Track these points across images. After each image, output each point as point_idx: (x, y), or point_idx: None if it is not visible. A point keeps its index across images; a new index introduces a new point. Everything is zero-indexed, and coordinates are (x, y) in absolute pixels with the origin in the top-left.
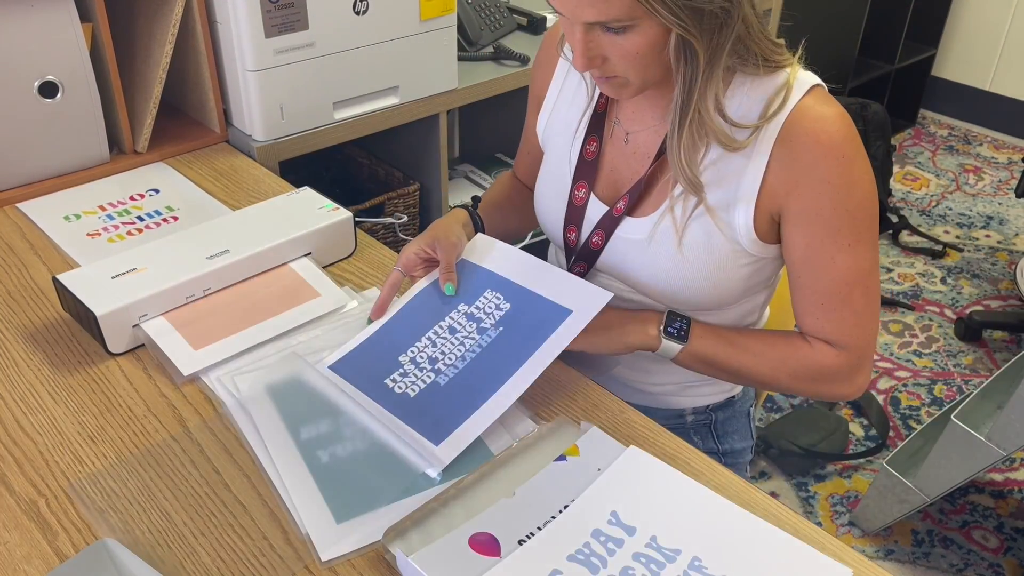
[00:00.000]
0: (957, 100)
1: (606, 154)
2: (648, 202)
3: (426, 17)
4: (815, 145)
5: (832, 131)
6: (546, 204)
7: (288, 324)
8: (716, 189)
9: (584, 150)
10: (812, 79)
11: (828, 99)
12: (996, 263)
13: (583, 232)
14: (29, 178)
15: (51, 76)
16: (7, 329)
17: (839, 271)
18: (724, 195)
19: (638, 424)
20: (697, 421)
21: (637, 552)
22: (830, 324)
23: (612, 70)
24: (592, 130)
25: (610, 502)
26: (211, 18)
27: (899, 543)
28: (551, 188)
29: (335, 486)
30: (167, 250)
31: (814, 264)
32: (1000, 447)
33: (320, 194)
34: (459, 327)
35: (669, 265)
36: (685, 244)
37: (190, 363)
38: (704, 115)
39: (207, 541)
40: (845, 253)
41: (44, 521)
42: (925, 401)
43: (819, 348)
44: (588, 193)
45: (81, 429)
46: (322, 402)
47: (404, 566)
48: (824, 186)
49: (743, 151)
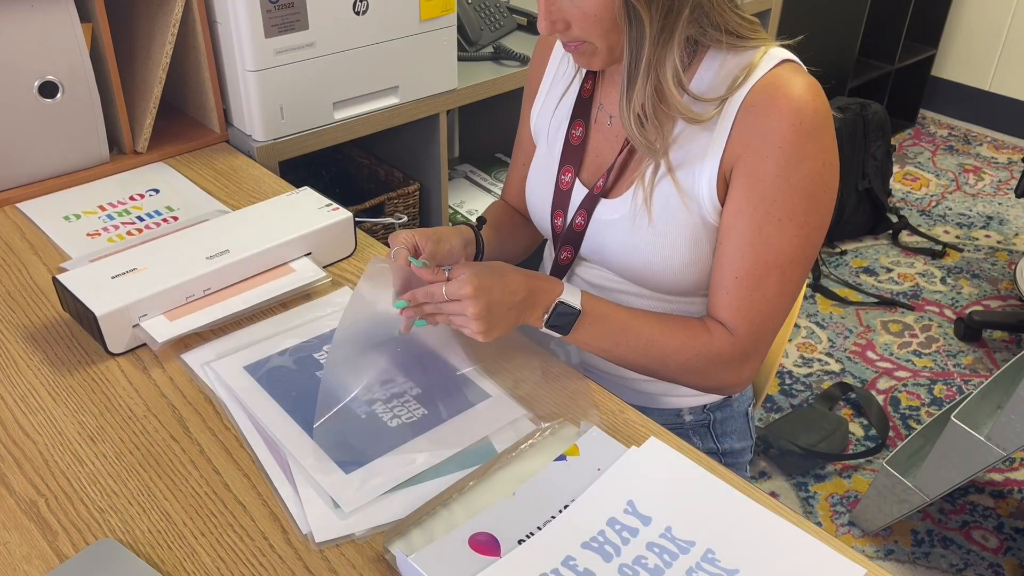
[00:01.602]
0: (957, 100)
1: (591, 139)
2: (623, 182)
3: (426, 17)
4: (774, 109)
5: (794, 97)
6: (535, 193)
7: (265, 295)
8: (683, 161)
9: (570, 135)
10: (785, 54)
11: (800, 71)
12: (996, 263)
13: (568, 215)
14: (29, 178)
15: (51, 76)
16: (7, 329)
17: (763, 246)
18: (690, 166)
19: (638, 424)
20: (696, 421)
21: (651, 542)
22: (736, 302)
23: (576, 35)
24: (577, 115)
25: (627, 491)
26: (211, 18)
27: (899, 543)
28: (540, 176)
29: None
30: (167, 250)
31: (740, 230)
32: (1000, 447)
33: (320, 194)
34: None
35: (643, 243)
36: (656, 217)
37: (166, 331)
38: (664, 87)
39: (207, 541)
40: (773, 227)
41: (44, 521)
42: (925, 401)
43: (717, 335)
44: (573, 178)
45: (81, 429)
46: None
47: (404, 566)
48: (772, 150)
49: (708, 124)
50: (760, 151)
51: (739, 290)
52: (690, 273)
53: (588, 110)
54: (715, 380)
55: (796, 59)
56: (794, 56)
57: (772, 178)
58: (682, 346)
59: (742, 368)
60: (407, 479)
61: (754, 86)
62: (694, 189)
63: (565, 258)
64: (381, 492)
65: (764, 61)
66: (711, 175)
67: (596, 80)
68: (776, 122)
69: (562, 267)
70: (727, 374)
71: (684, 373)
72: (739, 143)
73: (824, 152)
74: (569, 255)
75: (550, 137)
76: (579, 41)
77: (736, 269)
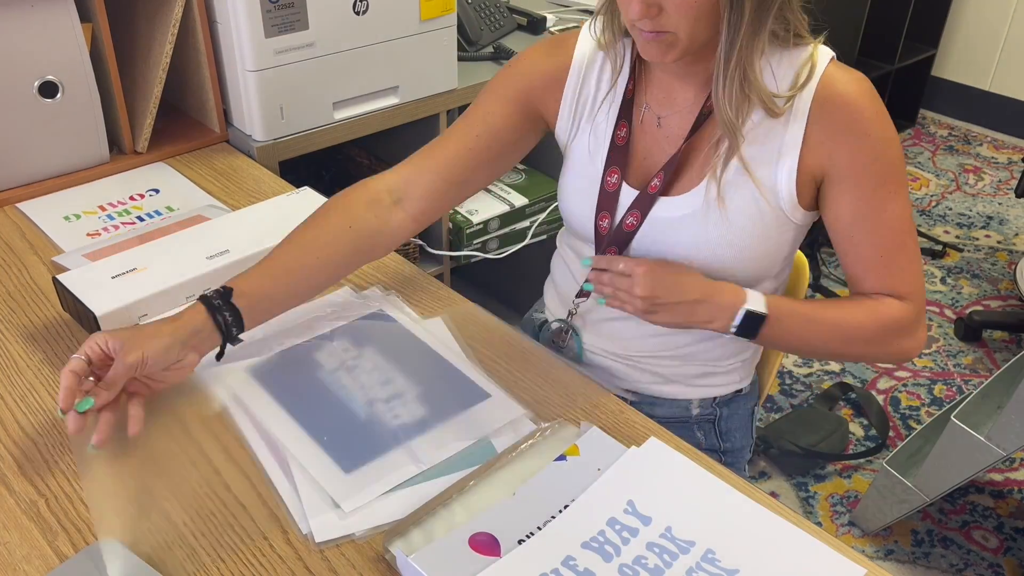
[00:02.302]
0: (957, 100)
1: (636, 140)
2: (684, 180)
3: (426, 17)
4: (849, 106)
5: (862, 91)
6: (574, 198)
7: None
8: (758, 156)
9: (615, 136)
10: (829, 52)
11: (847, 67)
12: (996, 263)
13: (616, 216)
14: (29, 178)
15: (51, 76)
16: (7, 329)
17: (893, 220)
18: (767, 160)
19: (638, 424)
20: (702, 415)
21: (651, 542)
22: (892, 276)
23: (665, 23)
24: (622, 116)
25: (627, 491)
26: (211, 18)
27: (899, 543)
28: (578, 181)
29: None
30: (167, 250)
31: (869, 218)
32: (1000, 447)
33: (320, 194)
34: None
35: (716, 236)
36: (732, 211)
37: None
38: (750, 73)
39: (207, 541)
40: (894, 201)
41: (44, 521)
42: (925, 401)
43: (891, 305)
44: (620, 179)
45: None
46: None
47: (404, 566)
48: (865, 140)
49: (781, 117)
50: (854, 146)
51: (889, 266)
52: (758, 263)
53: (631, 110)
54: (897, 347)
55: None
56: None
57: (876, 163)
58: (863, 321)
59: (918, 329)
60: (407, 479)
61: (820, 84)
62: (772, 183)
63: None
64: (381, 492)
65: (820, 59)
66: (790, 170)
67: (637, 81)
68: (857, 117)
69: None
70: (907, 339)
71: (870, 345)
72: (822, 142)
73: (891, 126)
74: (614, 254)
75: (591, 143)
76: (662, 31)
77: (880, 249)
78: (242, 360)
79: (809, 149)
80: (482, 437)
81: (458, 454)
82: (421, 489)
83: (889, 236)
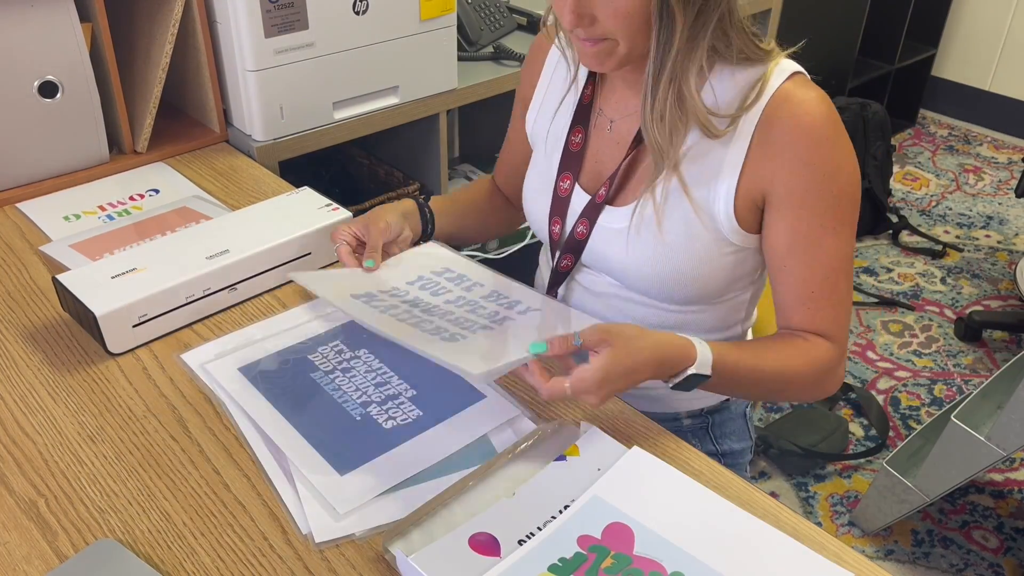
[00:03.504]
0: (957, 100)
1: (591, 145)
2: (629, 190)
3: (426, 17)
4: (796, 128)
5: (814, 113)
6: (532, 199)
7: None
8: (697, 176)
9: (569, 142)
10: (793, 67)
11: (809, 84)
12: (996, 263)
13: (567, 223)
14: (29, 178)
15: (51, 76)
16: (7, 329)
17: (827, 256)
18: (705, 182)
19: (638, 424)
20: (694, 424)
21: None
22: (821, 313)
23: (600, 31)
24: (577, 121)
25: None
26: (211, 18)
27: (899, 543)
28: (538, 183)
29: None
30: (167, 250)
31: (803, 250)
32: (1000, 447)
33: (320, 194)
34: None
35: (651, 253)
36: (666, 230)
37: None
38: (686, 93)
39: (207, 541)
40: (832, 237)
41: (44, 521)
42: (925, 401)
43: (820, 346)
44: (572, 184)
45: (81, 429)
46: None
47: (404, 566)
48: (808, 169)
49: (724, 139)
50: (796, 172)
51: (820, 301)
52: (697, 285)
53: (588, 116)
54: (825, 388)
55: (802, 69)
56: (799, 67)
57: (816, 195)
58: (800, 368)
59: (840, 368)
60: (403, 480)
61: (768, 103)
62: (709, 204)
63: (565, 266)
64: (376, 494)
65: (774, 76)
66: (728, 191)
67: (596, 86)
68: (802, 141)
69: (561, 274)
70: (833, 378)
71: (803, 391)
72: (764, 165)
73: (848, 156)
74: (570, 263)
75: (548, 144)
76: (600, 39)
77: (811, 284)
78: (237, 360)
79: (750, 171)
80: (479, 437)
81: (457, 454)
82: (421, 489)
83: (821, 273)
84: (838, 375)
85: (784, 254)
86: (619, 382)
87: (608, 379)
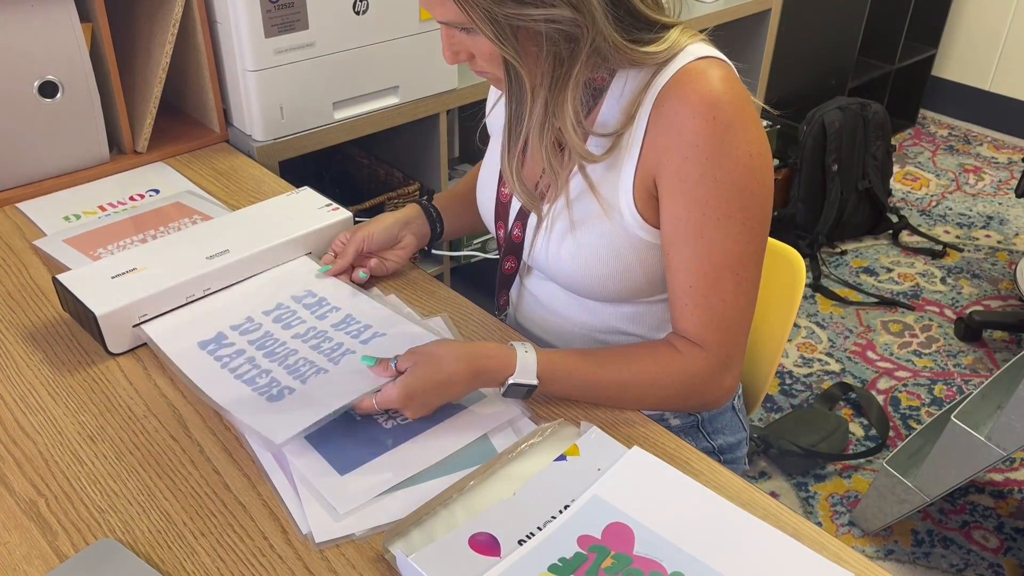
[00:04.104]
0: (957, 100)
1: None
2: (552, 193)
3: (426, 17)
4: (684, 105)
5: (705, 91)
6: (481, 202)
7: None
8: (602, 173)
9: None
10: (705, 51)
11: (715, 64)
12: (996, 263)
13: (508, 225)
14: (29, 178)
15: (51, 76)
16: (7, 329)
17: (710, 252)
18: (608, 177)
19: (638, 424)
20: (683, 424)
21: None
22: (698, 311)
23: (480, 67)
24: None
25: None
26: (211, 18)
27: (899, 543)
28: (487, 181)
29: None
30: (167, 250)
31: (683, 240)
32: (1000, 447)
33: (320, 194)
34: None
35: (567, 254)
36: (577, 229)
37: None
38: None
39: (207, 541)
40: (713, 228)
41: (44, 521)
42: (925, 401)
43: (689, 354)
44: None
45: (81, 429)
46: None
47: (404, 566)
48: (691, 150)
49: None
50: (679, 153)
51: (697, 299)
52: (615, 283)
53: None
54: (698, 400)
55: (717, 54)
56: (715, 51)
57: (698, 179)
58: (657, 378)
59: (723, 379)
60: (403, 480)
61: (667, 83)
62: (613, 199)
63: (509, 268)
64: (376, 494)
65: (679, 60)
66: (627, 183)
67: None
68: (689, 120)
69: (508, 277)
70: (709, 390)
71: (665, 402)
72: (654, 147)
73: (747, 143)
74: (513, 265)
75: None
76: (484, 71)
77: (688, 279)
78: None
79: (644, 158)
80: (478, 437)
81: (458, 454)
82: (421, 489)
83: (698, 268)
84: (722, 386)
85: (667, 244)
86: (429, 395)
87: (412, 394)
